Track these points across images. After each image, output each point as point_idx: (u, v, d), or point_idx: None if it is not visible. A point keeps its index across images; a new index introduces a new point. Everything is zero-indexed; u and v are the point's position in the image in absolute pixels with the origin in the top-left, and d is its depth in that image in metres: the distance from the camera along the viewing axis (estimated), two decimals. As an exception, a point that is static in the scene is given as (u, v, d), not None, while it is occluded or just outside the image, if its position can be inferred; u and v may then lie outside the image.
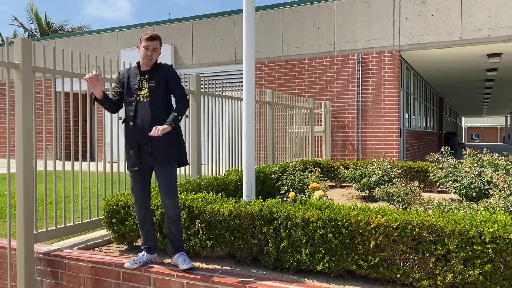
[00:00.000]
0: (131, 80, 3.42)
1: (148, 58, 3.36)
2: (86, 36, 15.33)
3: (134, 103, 3.35)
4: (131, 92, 3.39)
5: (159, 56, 3.47)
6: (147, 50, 3.35)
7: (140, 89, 3.37)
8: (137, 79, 3.39)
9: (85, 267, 3.50)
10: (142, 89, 3.37)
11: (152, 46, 3.36)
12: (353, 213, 3.10)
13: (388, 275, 2.98)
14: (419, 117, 15.39)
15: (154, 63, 3.45)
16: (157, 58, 3.45)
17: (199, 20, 13.20)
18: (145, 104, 3.32)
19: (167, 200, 3.28)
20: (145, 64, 3.42)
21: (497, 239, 2.68)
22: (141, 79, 3.40)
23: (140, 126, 3.30)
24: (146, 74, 3.41)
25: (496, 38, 9.76)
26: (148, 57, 3.35)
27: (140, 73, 3.43)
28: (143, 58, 3.37)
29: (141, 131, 3.29)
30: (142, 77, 3.40)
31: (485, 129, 67.59)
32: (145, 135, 3.29)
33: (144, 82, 3.38)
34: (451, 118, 31.02)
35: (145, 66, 3.43)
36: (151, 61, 3.38)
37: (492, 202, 3.91)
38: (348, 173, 6.99)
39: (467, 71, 14.21)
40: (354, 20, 11.08)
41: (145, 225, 3.42)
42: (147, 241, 3.44)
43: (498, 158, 5.92)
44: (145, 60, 3.38)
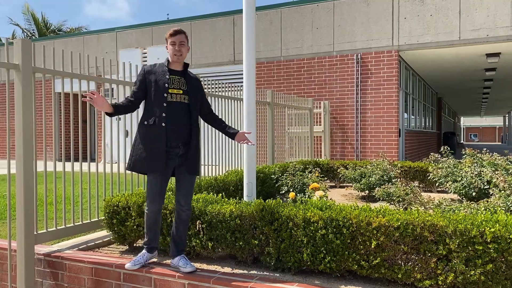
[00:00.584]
0: (159, 77, 3.22)
1: (178, 54, 3.21)
2: (85, 37, 15.32)
3: (165, 102, 3.17)
4: (160, 90, 3.18)
5: (188, 51, 3.31)
6: (174, 46, 3.21)
7: (171, 87, 3.21)
8: (166, 77, 3.21)
9: (85, 268, 3.49)
10: (175, 88, 3.22)
11: (178, 40, 3.21)
12: (354, 213, 3.09)
13: (390, 275, 2.98)
14: (418, 117, 15.40)
15: (186, 66, 3.33)
16: (187, 53, 3.29)
17: (198, 21, 13.20)
18: (183, 106, 3.20)
19: (184, 201, 3.27)
20: (176, 62, 3.27)
21: (498, 238, 2.69)
22: (172, 77, 3.24)
23: (174, 128, 3.17)
24: (179, 74, 3.27)
25: (494, 38, 9.78)
26: (178, 52, 3.21)
27: (170, 70, 3.26)
28: (173, 55, 3.22)
29: (175, 133, 3.17)
30: (174, 76, 3.25)
31: (484, 129, 67.69)
32: (179, 137, 3.19)
33: (177, 82, 3.24)
34: (449, 118, 31.06)
35: (177, 64, 3.28)
36: (181, 56, 3.23)
37: (492, 201, 3.91)
38: (348, 173, 6.99)
39: (466, 71, 14.23)
40: (353, 20, 11.09)
41: (155, 226, 3.36)
42: (153, 242, 3.40)
43: (497, 157, 5.92)
44: (175, 57, 3.22)
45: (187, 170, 3.25)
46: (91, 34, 15.29)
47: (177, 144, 3.20)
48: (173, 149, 3.20)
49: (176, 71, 3.28)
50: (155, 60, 13.58)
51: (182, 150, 3.22)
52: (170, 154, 3.20)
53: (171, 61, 3.28)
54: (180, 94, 3.22)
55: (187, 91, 3.25)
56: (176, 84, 3.23)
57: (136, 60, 13.79)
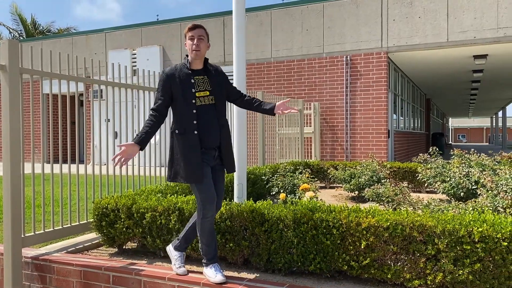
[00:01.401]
0: (183, 83, 3.04)
1: (196, 49, 3.03)
2: (73, 38, 15.19)
3: (195, 109, 3.02)
4: (188, 96, 3.02)
5: (208, 48, 3.14)
6: (193, 40, 3.04)
7: (198, 90, 3.05)
8: (191, 80, 3.05)
9: (74, 271, 3.46)
10: (201, 91, 3.06)
11: (197, 34, 3.04)
12: (344, 214, 3.11)
13: (379, 275, 2.99)
14: (407, 118, 15.53)
15: (206, 61, 3.16)
16: (206, 49, 3.11)
17: (188, 22, 13.16)
18: (211, 107, 3.07)
19: (219, 200, 3.22)
20: (194, 59, 3.08)
21: (486, 238, 2.71)
22: (196, 79, 3.08)
23: (207, 132, 3.05)
24: (201, 73, 3.11)
25: (482, 40, 9.90)
26: (196, 47, 3.03)
27: (193, 72, 3.09)
28: (192, 51, 3.05)
29: (208, 138, 3.05)
30: (197, 76, 3.09)
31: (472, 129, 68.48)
32: (212, 141, 3.07)
33: (201, 83, 3.08)
34: (438, 119, 31.35)
35: (196, 62, 3.10)
36: (200, 52, 3.05)
37: (480, 201, 3.96)
38: (337, 174, 7.02)
39: (454, 72, 14.39)
40: (342, 22, 11.15)
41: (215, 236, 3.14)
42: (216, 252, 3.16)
43: (485, 158, 5.99)
44: (193, 53, 3.05)
45: (226, 169, 3.18)
46: (80, 35, 15.17)
47: (212, 147, 3.09)
48: (209, 151, 3.10)
49: (198, 70, 3.12)
50: (144, 61, 13.53)
51: (217, 152, 3.14)
52: (206, 155, 3.08)
53: (190, 58, 3.10)
54: (207, 96, 3.07)
55: (212, 91, 3.09)
56: (201, 86, 3.07)
57: (125, 61, 13.71)
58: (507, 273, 2.68)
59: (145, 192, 4.17)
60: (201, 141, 3.05)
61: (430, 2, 10.30)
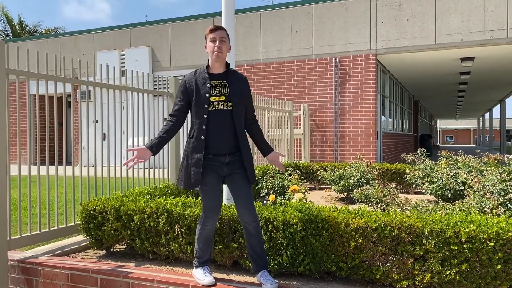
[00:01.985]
0: (200, 87, 2.97)
1: (218, 51, 2.94)
2: (61, 38, 15.05)
3: (206, 113, 2.93)
4: (201, 101, 2.94)
5: (229, 50, 3.06)
6: (214, 42, 2.95)
7: (213, 95, 2.95)
8: (207, 85, 2.96)
9: (61, 274, 3.42)
10: (216, 95, 2.95)
11: (219, 36, 2.96)
12: (333, 215, 3.12)
13: (368, 276, 3.01)
14: (395, 119, 15.65)
15: (228, 66, 3.07)
16: (227, 52, 3.04)
17: (177, 23, 13.13)
18: (226, 113, 2.94)
19: (248, 213, 2.97)
20: (215, 61, 2.99)
21: (472, 239, 2.74)
22: (213, 83, 2.97)
23: (216, 139, 2.93)
24: (220, 77, 3.00)
25: (469, 43, 10.03)
26: (218, 49, 2.93)
27: (211, 76, 3.00)
28: (213, 52, 2.95)
29: (217, 145, 2.94)
30: (215, 81, 2.98)
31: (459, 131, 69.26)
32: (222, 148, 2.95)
33: (218, 87, 2.97)
34: (426, 120, 31.66)
35: (217, 65, 3.00)
36: (222, 54, 2.95)
37: (467, 202, 4.00)
38: (327, 175, 7.04)
39: (441, 74, 14.55)
40: (331, 24, 11.21)
41: (210, 242, 3.11)
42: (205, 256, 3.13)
43: (472, 159, 6.06)
44: (214, 55, 2.95)
45: (239, 177, 2.99)
46: (67, 35, 15.04)
47: (222, 153, 2.96)
48: (218, 157, 2.97)
49: (217, 74, 3.01)
50: (133, 62, 13.45)
51: (228, 158, 2.98)
52: (213, 162, 2.97)
53: (211, 61, 3.02)
54: (222, 101, 2.94)
55: (229, 96, 2.96)
56: (218, 90, 2.96)
57: (113, 62, 13.62)
58: (493, 273, 2.72)
59: (133, 194, 4.14)
60: (209, 147, 2.94)
61: (418, 4, 10.40)
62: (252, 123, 3.15)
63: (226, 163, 2.98)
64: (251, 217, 2.97)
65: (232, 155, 2.99)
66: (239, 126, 2.99)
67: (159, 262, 3.66)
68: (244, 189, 2.99)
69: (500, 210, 3.72)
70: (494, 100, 24.76)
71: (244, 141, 3.03)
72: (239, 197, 2.98)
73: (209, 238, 3.08)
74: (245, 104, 3.07)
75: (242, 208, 2.97)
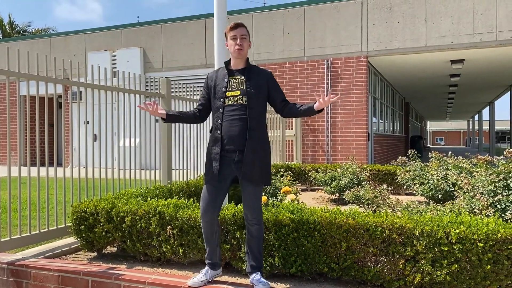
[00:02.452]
0: (218, 82, 3.05)
1: (239, 48, 2.97)
2: (52, 38, 14.94)
3: (221, 108, 2.98)
4: (217, 96, 3.02)
5: (249, 46, 3.08)
6: (235, 40, 2.98)
7: (229, 90, 3.00)
8: (225, 80, 3.03)
9: (51, 276, 3.39)
10: (232, 90, 2.99)
11: (239, 33, 2.99)
12: (324, 216, 3.13)
13: (360, 277, 3.02)
14: (386, 121, 15.75)
15: (248, 63, 3.08)
16: (248, 49, 3.06)
17: (169, 24, 13.10)
18: (237, 109, 2.95)
19: (250, 214, 2.98)
20: (236, 58, 3.03)
21: (463, 239, 2.77)
22: (231, 78, 3.03)
23: (229, 133, 2.94)
24: (239, 73, 3.03)
25: (459, 45, 10.12)
26: (239, 46, 2.97)
27: (229, 72, 3.05)
28: (234, 50, 2.99)
29: (230, 139, 2.94)
30: (232, 76, 3.03)
31: (449, 132, 69.86)
32: (234, 143, 2.93)
33: (235, 83, 3.01)
34: (416, 122, 31.89)
35: (237, 61, 3.04)
36: (242, 51, 2.99)
37: (457, 203, 4.03)
38: (319, 176, 7.06)
39: (432, 76, 14.67)
40: (323, 25, 11.25)
41: (211, 240, 3.06)
42: (212, 256, 3.09)
43: (462, 161, 6.11)
44: (235, 52, 2.99)
45: (244, 178, 2.95)
46: (58, 36, 14.94)
47: (234, 149, 2.95)
48: (229, 154, 2.96)
49: (237, 70, 3.05)
50: (124, 63, 13.39)
51: (238, 157, 2.94)
52: (225, 159, 2.97)
53: (232, 58, 3.07)
54: (237, 96, 2.98)
55: (245, 91, 2.97)
56: (235, 86, 3.01)
57: (105, 62, 13.55)
58: (483, 273, 2.74)
59: (125, 195, 4.12)
60: (223, 142, 2.97)
61: (409, 7, 10.49)
62: (285, 106, 3.10)
63: (236, 161, 2.95)
64: (253, 218, 2.98)
65: (241, 153, 2.95)
66: (253, 121, 2.97)
67: (151, 264, 3.64)
68: (247, 189, 2.98)
69: (489, 211, 3.75)
70: (484, 102, 25.01)
71: (256, 137, 2.97)
72: (243, 197, 3.01)
73: (207, 234, 3.06)
74: (270, 94, 3.08)
75: (244, 208, 3.01)
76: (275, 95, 3.10)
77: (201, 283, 3.00)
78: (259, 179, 2.98)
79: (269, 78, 3.08)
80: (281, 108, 3.12)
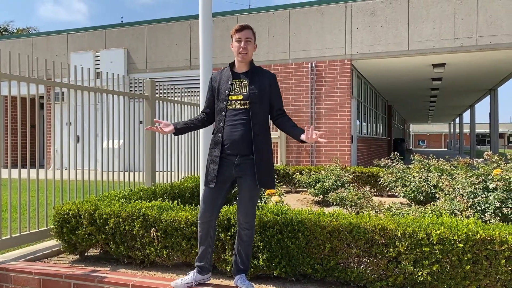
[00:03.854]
0: (222, 84, 3.00)
1: (243, 52, 2.93)
2: (33, 38, 14.71)
3: (224, 111, 2.94)
4: (221, 98, 2.97)
5: (254, 50, 3.04)
6: (240, 43, 2.94)
7: (232, 93, 2.95)
8: (228, 83, 2.97)
9: (33, 279, 3.34)
10: (235, 94, 2.94)
11: (244, 36, 2.94)
12: (308, 218, 3.15)
13: (343, 278, 3.05)
14: (370, 124, 15.91)
15: (253, 65, 3.04)
16: (253, 52, 3.02)
17: (153, 25, 13.02)
18: (240, 113, 2.90)
19: (242, 218, 2.95)
20: (240, 62, 2.99)
21: (443, 240, 2.82)
22: (234, 81, 2.98)
23: (231, 138, 2.90)
24: (242, 76, 2.99)
25: (440, 49, 10.30)
26: (243, 49, 2.92)
27: (233, 74, 3.00)
28: (237, 53, 2.95)
29: (232, 144, 2.89)
30: (236, 79, 2.98)
31: (431, 135, 70.93)
32: (236, 148, 2.89)
33: (238, 86, 2.96)
34: (399, 125, 32.29)
35: (241, 64, 3.01)
36: (246, 55, 2.95)
37: (438, 205, 4.10)
38: (303, 178, 7.10)
39: (414, 80, 14.88)
40: (308, 29, 11.33)
41: (205, 242, 3.02)
42: (202, 259, 3.04)
43: (443, 163, 6.22)
44: (239, 56, 2.95)
45: (244, 181, 2.92)
46: (40, 35, 14.71)
47: (235, 154, 2.91)
48: (230, 157, 2.93)
49: (241, 73, 3.01)
50: (107, 63, 13.26)
51: (238, 160, 2.91)
52: (224, 161, 2.94)
53: (236, 60, 3.02)
54: (240, 100, 2.92)
55: (247, 96, 2.92)
56: (238, 89, 2.96)
57: (88, 63, 13.40)
58: (463, 273, 2.80)
59: (108, 197, 4.08)
60: (224, 145, 2.93)
61: (392, 11, 10.63)
62: (280, 117, 3.07)
63: (237, 164, 2.92)
64: (245, 223, 2.96)
65: (244, 157, 2.92)
66: (256, 126, 2.92)
67: (135, 266, 3.62)
68: (243, 193, 2.94)
69: (469, 213, 3.83)
70: (465, 106, 25.48)
71: (260, 142, 2.94)
72: (238, 201, 2.98)
73: (201, 236, 3.02)
74: (270, 101, 3.03)
75: (238, 212, 2.99)
76: (274, 102, 3.05)
77: (184, 286, 2.98)
78: (265, 183, 2.94)
79: (272, 81, 3.04)
80: (275, 116, 3.09)
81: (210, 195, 2.97)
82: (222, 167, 2.94)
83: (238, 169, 2.92)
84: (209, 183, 2.95)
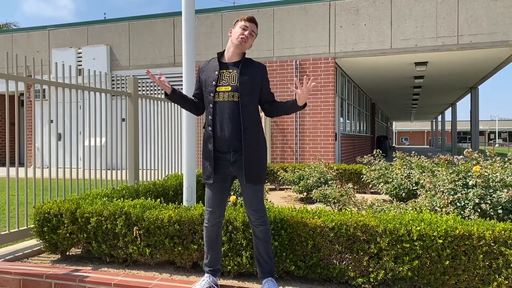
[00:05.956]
0: (209, 74, 2.84)
1: (243, 40, 2.79)
2: (13, 34, 14.43)
3: (212, 103, 2.79)
4: (208, 90, 2.82)
5: (250, 47, 2.92)
6: (244, 30, 2.81)
7: (219, 85, 2.80)
8: (215, 73, 2.81)
9: (12, 279, 3.29)
10: (223, 85, 2.79)
11: (251, 28, 2.83)
12: (291, 215, 3.17)
13: (325, 274, 3.08)
14: (353, 121, 16.04)
15: (244, 57, 2.89)
16: (248, 48, 2.88)
17: (137, 21, 12.90)
18: (232, 105, 2.76)
19: (252, 214, 2.84)
20: (236, 47, 2.83)
21: (423, 236, 2.87)
22: (222, 72, 2.82)
23: (221, 132, 2.77)
24: (231, 66, 2.83)
25: (422, 48, 10.44)
26: (244, 38, 2.79)
27: (222, 65, 2.85)
28: (237, 37, 2.80)
29: (222, 138, 2.77)
30: (224, 69, 2.83)
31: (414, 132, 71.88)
32: (227, 143, 2.76)
33: (226, 77, 2.81)
34: (382, 122, 32.63)
35: (235, 52, 2.85)
36: (245, 44, 2.81)
37: (419, 202, 4.17)
38: (287, 176, 7.13)
39: (397, 78, 15.05)
40: (292, 26, 11.36)
41: (216, 245, 2.94)
42: (214, 263, 2.96)
43: (424, 160, 6.32)
44: (238, 40, 2.80)
45: (249, 180, 2.78)
46: (20, 31, 14.43)
47: (227, 150, 2.79)
48: (224, 155, 2.81)
49: (231, 63, 2.85)
50: (90, 60, 13.09)
51: (233, 157, 2.78)
52: (220, 160, 2.82)
53: (230, 45, 2.87)
54: (228, 92, 2.77)
55: (237, 87, 2.77)
56: (226, 80, 2.80)
57: (70, 60, 13.21)
58: (442, 268, 2.85)
59: (90, 196, 4.04)
60: (215, 140, 2.81)
61: (375, 10, 10.72)
62: (270, 106, 2.96)
63: (232, 162, 2.80)
64: (256, 219, 2.83)
65: (239, 153, 2.79)
66: (247, 120, 2.78)
67: (117, 265, 3.59)
68: (247, 190, 2.82)
69: (449, 209, 3.90)
70: (446, 104, 25.87)
71: (250, 137, 2.79)
72: (244, 199, 2.87)
73: (211, 239, 2.94)
74: (263, 94, 2.91)
75: (246, 209, 2.88)
76: (267, 95, 2.94)
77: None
78: (258, 179, 2.82)
79: (264, 73, 2.90)
80: (268, 108, 2.97)
81: (214, 197, 2.88)
82: (218, 165, 2.83)
83: (234, 166, 2.80)
84: (208, 179, 2.85)
